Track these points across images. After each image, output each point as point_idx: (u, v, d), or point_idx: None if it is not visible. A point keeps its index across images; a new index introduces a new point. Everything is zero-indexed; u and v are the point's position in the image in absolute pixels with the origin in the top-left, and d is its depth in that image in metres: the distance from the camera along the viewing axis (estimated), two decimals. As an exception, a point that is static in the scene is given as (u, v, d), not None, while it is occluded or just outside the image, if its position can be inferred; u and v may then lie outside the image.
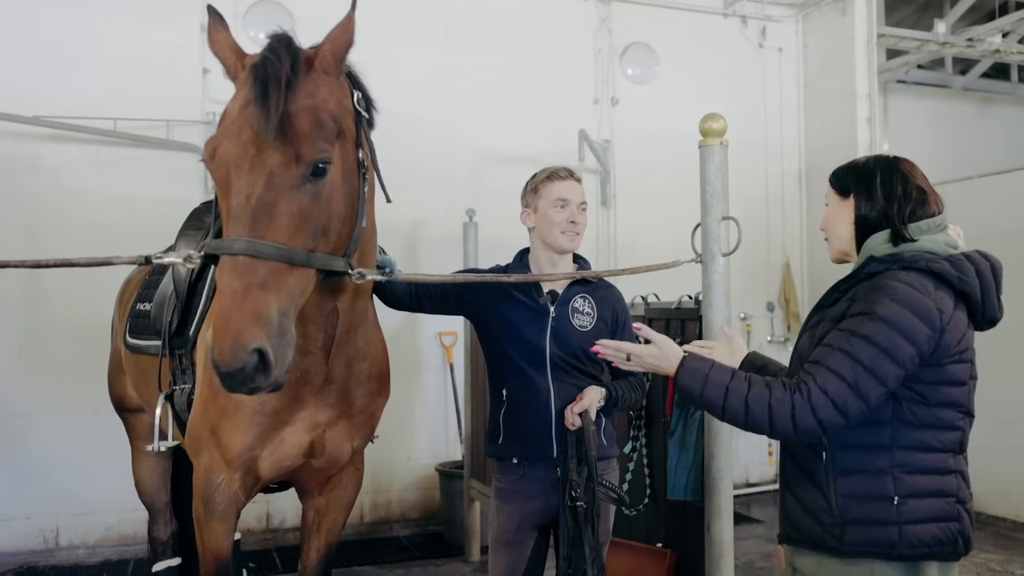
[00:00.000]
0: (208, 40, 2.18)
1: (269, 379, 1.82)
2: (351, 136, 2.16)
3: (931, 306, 1.86)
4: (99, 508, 5.32)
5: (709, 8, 7.12)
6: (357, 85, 2.30)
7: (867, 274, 1.98)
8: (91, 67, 5.40)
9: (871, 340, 1.83)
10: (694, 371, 2.02)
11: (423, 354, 6.08)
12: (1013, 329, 5.06)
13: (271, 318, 1.83)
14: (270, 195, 1.90)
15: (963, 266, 1.92)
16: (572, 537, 2.54)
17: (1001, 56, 7.56)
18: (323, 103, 2.03)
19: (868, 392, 1.83)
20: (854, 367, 1.83)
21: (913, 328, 1.83)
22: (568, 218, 2.71)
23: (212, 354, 1.78)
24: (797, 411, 1.85)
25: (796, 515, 2.02)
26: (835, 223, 2.11)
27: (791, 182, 7.38)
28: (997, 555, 5.34)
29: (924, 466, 1.91)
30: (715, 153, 2.81)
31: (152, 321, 3.17)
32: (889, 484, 1.89)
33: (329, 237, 2.06)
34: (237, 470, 2.52)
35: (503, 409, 2.74)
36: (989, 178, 6.22)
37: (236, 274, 1.83)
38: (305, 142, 1.94)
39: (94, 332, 5.01)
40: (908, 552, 1.87)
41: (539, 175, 2.82)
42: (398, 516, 6.00)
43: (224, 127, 1.99)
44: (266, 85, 1.93)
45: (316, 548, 2.89)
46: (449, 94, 6.19)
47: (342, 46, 2.12)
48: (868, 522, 1.89)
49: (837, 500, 1.93)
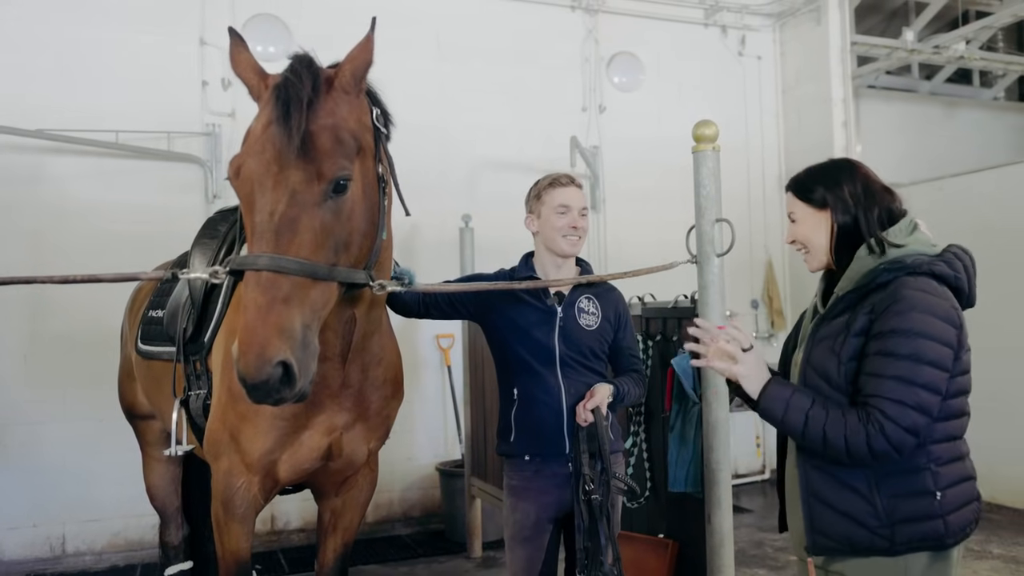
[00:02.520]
0: (231, 61, 2.22)
1: (294, 390, 1.86)
2: (370, 152, 2.21)
3: (949, 307, 1.93)
4: (105, 514, 5.36)
5: (691, 19, 7.31)
6: (375, 102, 2.34)
7: (879, 284, 2.00)
8: (92, 80, 5.45)
9: (917, 358, 1.88)
10: (777, 397, 1.99)
11: (421, 357, 6.18)
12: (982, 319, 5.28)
13: (295, 331, 1.87)
14: (293, 212, 1.95)
15: (955, 264, 2.01)
16: (588, 529, 2.61)
17: (965, 62, 7.82)
18: (343, 122, 2.08)
19: (931, 407, 1.89)
20: (914, 390, 1.87)
21: (944, 333, 1.90)
22: (570, 223, 2.80)
23: (238, 367, 1.82)
24: (872, 441, 1.87)
25: (830, 523, 2.01)
26: (814, 235, 2.13)
27: (772, 185, 7.56)
28: (976, 535, 5.52)
29: (951, 456, 1.98)
30: (708, 158, 2.86)
31: (165, 327, 3.19)
32: (929, 479, 1.94)
33: (351, 251, 2.11)
34: (257, 473, 2.57)
35: (515, 407, 2.81)
36: (960, 178, 6.45)
37: (260, 289, 1.88)
38: (326, 160, 1.99)
39: (97, 340, 5.09)
40: (952, 540, 1.94)
41: (542, 182, 2.91)
42: (400, 515, 6.10)
43: (248, 146, 2.05)
44: (288, 105, 1.98)
45: (333, 548, 2.94)
46: (443, 103, 6.31)
47: (361, 65, 2.17)
48: (916, 519, 1.93)
49: (883, 502, 1.95)
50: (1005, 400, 5.98)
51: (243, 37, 2.27)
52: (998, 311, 5.85)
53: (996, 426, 5.99)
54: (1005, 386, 5.98)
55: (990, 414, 5.95)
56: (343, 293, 2.13)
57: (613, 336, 2.90)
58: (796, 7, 7.35)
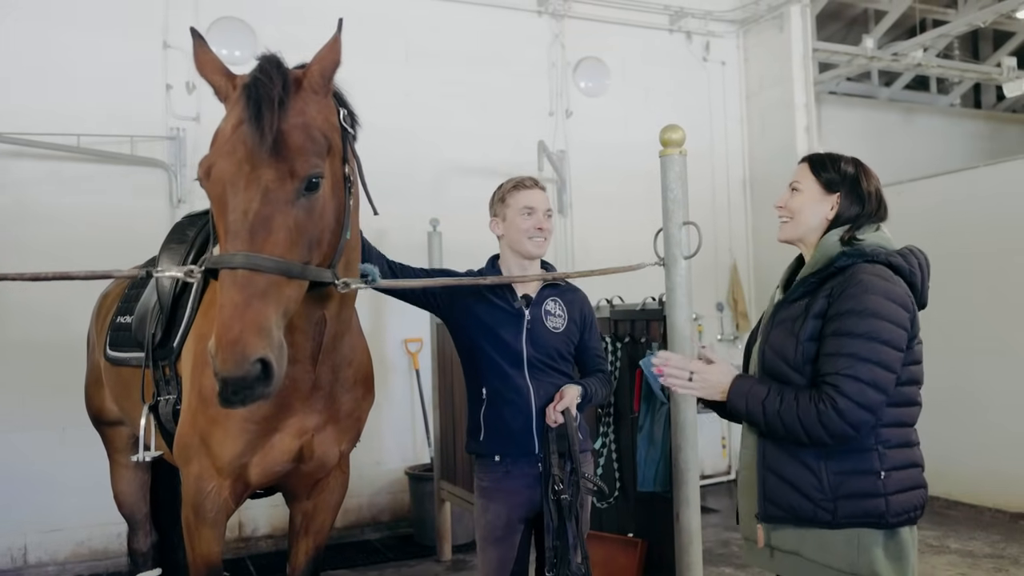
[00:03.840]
0: (196, 63, 2.19)
1: (269, 388, 1.86)
2: (338, 152, 2.22)
3: (903, 292, 2.03)
4: (68, 524, 5.27)
5: (656, 24, 7.40)
6: (342, 103, 2.35)
7: (837, 268, 2.09)
8: (54, 83, 5.37)
9: (871, 336, 1.95)
10: (738, 392, 2.09)
11: (389, 361, 6.17)
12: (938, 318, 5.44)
13: (271, 329, 1.87)
14: (267, 210, 1.95)
15: (911, 259, 2.10)
16: (557, 528, 2.63)
17: (922, 69, 8.02)
18: (313, 120, 2.08)
19: (886, 383, 1.96)
20: (868, 367, 1.94)
21: (897, 315, 1.98)
22: (535, 224, 2.82)
23: (215, 365, 1.80)
24: (824, 419, 1.94)
25: (781, 495, 2.09)
26: (810, 211, 2.21)
27: (736, 189, 7.68)
28: (933, 531, 5.69)
29: (899, 441, 2.06)
30: (675, 162, 2.92)
31: (134, 333, 3.16)
32: (875, 459, 2.02)
33: (321, 248, 2.12)
34: (227, 477, 2.55)
35: (484, 407, 2.83)
36: (918, 182, 6.62)
37: (236, 287, 1.87)
38: (299, 158, 1.99)
39: (58, 347, 5.00)
40: (894, 520, 2.00)
41: (506, 185, 2.93)
42: (369, 520, 6.08)
43: (218, 146, 2.03)
44: (259, 104, 1.97)
45: (305, 551, 2.92)
46: (410, 107, 6.32)
47: (330, 65, 2.18)
48: (859, 495, 2.01)
49: (829, 478, 2.02)
50: (961, 399, 6.13)
51: (205, 39, 2.25)
52: (953, 312, 6.02)
53: (953, 424, 6.15)
54: (960, 385, 6.13)
55: (947, 412, 6.12)
56: (308, 292, 2.13)
57: (579, 337, 2.93)
58: (759, 14, 7.47)
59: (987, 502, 6.06)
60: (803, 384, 2.06)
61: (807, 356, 2.07)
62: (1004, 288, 5.94)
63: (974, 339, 6.08)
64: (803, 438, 1.99)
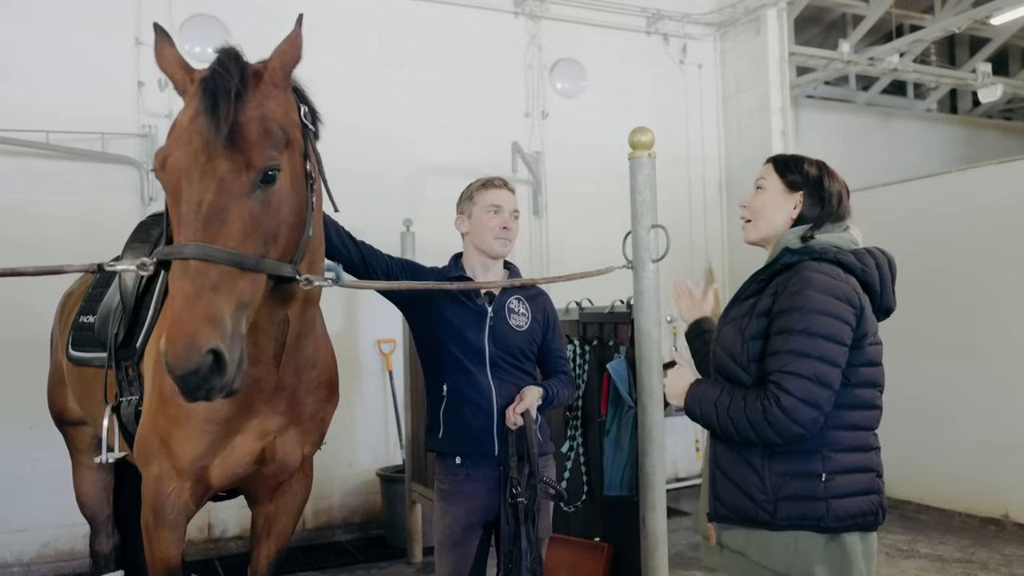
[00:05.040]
0: (156, 56, 2.20)
1: (223, 379, 1.83)
2: (298, 147, 2.21)
3: (848, 288, 2.02)
4: (34, 524, 5.21)
5: (633, 27, 7.40)
6: (303, 99, 2.33)
7: (783, 265, 2.11)
8: (24, 79, 5.31)
9: (810, 332, 1.95)
10: (693, 395, 2.13)
11: (362, 361, 6.14)
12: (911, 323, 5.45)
13: (224, 320, 1.84)
14: (221, 201, 1.93)
15: (865, 258, 2.10)
16: (513, 533, 2.63)
17: (899, 74, 8.07)
18: (271, 113, 2.08)
19: (829, 378, 1.95)
20: (809, 362, 1.94)
21: (840, 310, 1.98)
22: (501, 223, 2.82)
23: (166, 358, 1.77)
24: (770, 417, 1.94)
25: (727, 494, 2.11)
26: (773, 210, 2.22)
27: (712, 191, 7.70)
28: (904, 535, 5.73)
29: (850, 444, 2.04)
30: (644, 164, 2.87)
31: (96, 333, 3.14)
32: (818, 462, 2.01)
33: (278, 244, 2.09)
34: (188, 479, 2.53)
35: (443, 404, 2.81)
36: (891, 187, 6.67)
37: (188, 278, 1.85)
38: (255, 150, 1.98)
39: (22, 346, 4.95)
40: (834, 524, 2.00)
41: (474, 184, 2.93)
42: (340, 521, 6.05)
43: (174, 137, 2.02)
44: (216, 96, 1.97)
45: (266, 554, 2.91)
46: (385, 106, 6.29)
47: (290, 60, 2.18)
48: (799, 498, 2.01)
49: (771, 479, 2.03)
50: (933, 403, 6.19)
51: (168, 33, 2.25)
52: (925, 317, 6.06)
53: (924, 428, 6.20)
54: (932, 389, 6.18)
55: (919, 416, 6.17)
56: (271, 288, 2.11)
57: (542, 338, 2.93)
58: (736, 17, 7.50)
59: (957, 507, 6.10)
60: (750, 382, 2.07)
61: (752, 355, 2.08)
62: (978, 293, 5.98)
63: (947, 344, 6.13)
64: (753, 438, 2.00)
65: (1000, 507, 5.85)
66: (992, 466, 5.84)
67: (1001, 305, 5.83)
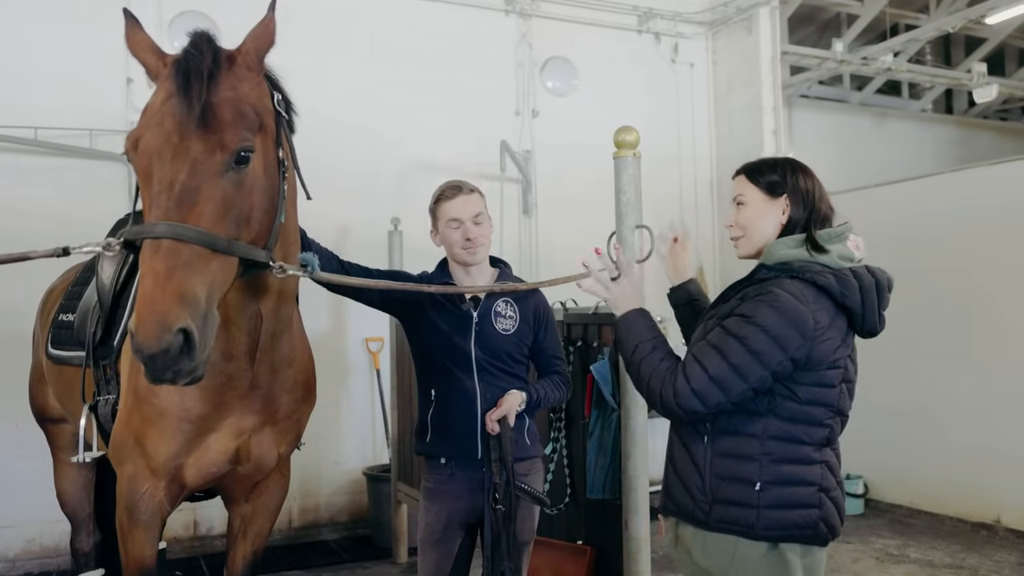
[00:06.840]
0: (126, 42, 2.17)
1: (193, 361, 1.80)
2: (271, 133, 2.19)
3: (807, 316, 1.95)
4: (19, 520, 5.20)
5: (624, 25, 7.37)
6: (276, 87, 2.32)
7: (758, 279, 2.08)
8: (12, 75, 5.29)
9: (744, 342, 1.95)
10: (627, 322, 2.18)
11: (350, 360, 6.12)
12: (905, 329, 5.42)
13: (196, 299, 1.82)
14: (193, 182, 1.91)
15: (847, 282, 2.01)
16: (494, 537, 2.64)
17: (893, 74, 8.04)
18: (245, 96, 2.06)
19: (730, 386, 1.96)
20: (721, 363, 1.96)
21: (785, 336, 1.93)
22: (463, 236, 2.76)
23: (136, 339, 1.74)
24: (663, 389, 2.01)
25: (675, 490, 2.15)
26: (762, 221, 2.14)
27: (703, 191, 7.67)
28: (894, 540, 5.71)
29: (790, 456, 2.02)
30: (629, 164, 2.89)
31: (76, 332, 3.14)
32: (755, 470, 2.01)
33: (251, 227, 2.07)
34: (162, 479, 2.51)
35: (432, 409, 2.81)
36: (885, 187, 6.65)
37: (159, 257, 1.82)
38: (228, 130, 1.96)
39: (10, 340, 4.91)
40: (764, 533, 1.99)
41: (434, 195, 2.87)
42: (327, 520, 6.03)
43: (146, 119, 2.00)
44: (188, 77, 1.95)
45: (242, 555, 2.89)
46: (375, 104, 6.26)
47: (264, 44, 2.18)
48: (731, 502, 2.02)
49: (710, 480, 2.05)
50: (923, 407, 6.16)
51: (137, 18, 2.22)
52: (916, 320, 6.03)
53: (916, 433, 6.18)
54: (921, 393, 6.16)
55: (909, 418, 6.16)
56: (242, 273, 2.07)
57: (533, 338, 2.89)
58: (728, 16, 7.47)
59: (949, 511, 6.07)
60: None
61: None
62: (971, 296, 5.95)
63: (939, 346, 6.10)
64: (644, 393, 2.09)
65: (992, 512, 5.81)
66: (984, 470, 5.81)
67: (994, 308, 5.80)
